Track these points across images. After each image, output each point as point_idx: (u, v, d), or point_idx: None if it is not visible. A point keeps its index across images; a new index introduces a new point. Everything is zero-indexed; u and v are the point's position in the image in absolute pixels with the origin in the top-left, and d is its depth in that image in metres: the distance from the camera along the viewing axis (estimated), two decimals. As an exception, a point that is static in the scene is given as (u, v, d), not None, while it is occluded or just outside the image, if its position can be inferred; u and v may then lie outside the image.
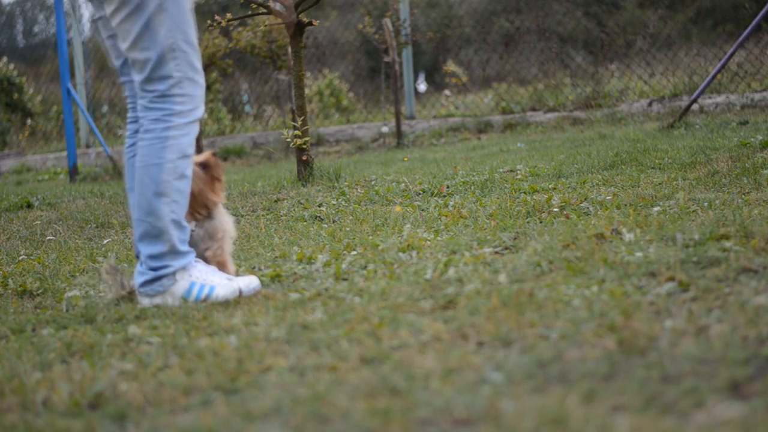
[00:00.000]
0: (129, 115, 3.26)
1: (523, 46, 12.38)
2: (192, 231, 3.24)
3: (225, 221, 3.30)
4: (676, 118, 8.06)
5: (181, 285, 3.07)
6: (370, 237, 3.90)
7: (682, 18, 12.65)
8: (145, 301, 3.08)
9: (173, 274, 3.07)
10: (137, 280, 3.10)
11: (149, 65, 3.03)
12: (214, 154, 3.30)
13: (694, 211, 3.68)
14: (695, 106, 9.14)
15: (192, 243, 3.23)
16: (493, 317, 2.45)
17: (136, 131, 3.21)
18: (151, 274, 3.06)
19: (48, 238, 4.89)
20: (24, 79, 14.05)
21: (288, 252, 3.76)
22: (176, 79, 3.04)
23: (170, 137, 3.03)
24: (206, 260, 3.24)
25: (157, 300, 3.07)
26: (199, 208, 3.26)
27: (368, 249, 3.62)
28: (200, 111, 3.12)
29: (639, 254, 2.97)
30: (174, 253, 3.07)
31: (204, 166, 3.27)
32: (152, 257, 3.06)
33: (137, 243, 3.11)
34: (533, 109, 11.03)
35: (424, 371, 2.09)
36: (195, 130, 3.10)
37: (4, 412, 2.11)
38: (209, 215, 3.28)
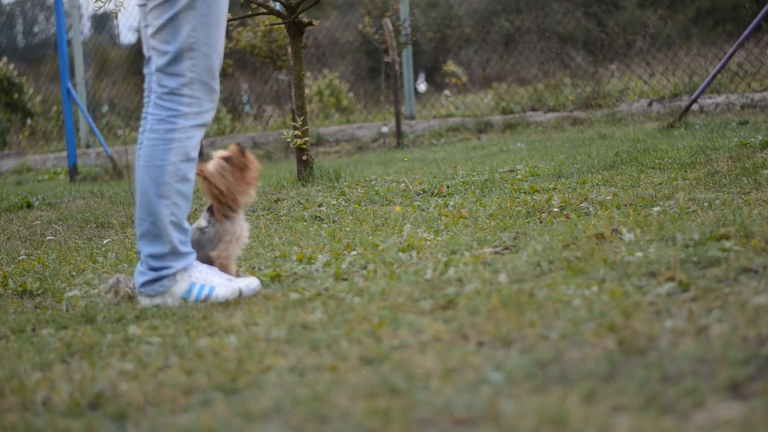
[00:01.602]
0: (144, 110, 3.21)
1: (523, 46, 12.38)
2: (203, 231, 3.24)
3: (238, 227, 3.27)
4: (676, 118, 8.06)
5: (181, 285, 3.07)
6: (370, 237, 3.90)
7: (682, 18, 12.65)
8: (145, 301, 3.08)
9: (174, 274, 3.07)
10: (137, 280, 3.10)
11: (165, 58, 3.02)
12: (238, 144, 3.24)
13: (694, 211, 3.68)
14: (695, 106, 9.14)
15: (200, 243, 3.22)
16: (493, 317, 2.45)
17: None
18: (152, 275, 3.06)
19: (48, 238, 4.89)
20: (24, 79, 14.04)
21: (288, 252, 3.76)
22: (188, 79, 3.01)
23: (174, 140, 3.02)
24: (210, 261, 3.24)
25: (157, 300, 3.07)
26: (230, 203, 3.24)
27: (368, 249, 3.62)
28: (208, 116, 3.08)
29: (639, 254, 2.97)
30: (175, 254, 3.06)
31: (227, 159, 3.23)
32: (153, 257, 3.06)
33: (138, 242, 3.11)
34: (533, 109, 11.03)
35: (424, 371, 2.09)
36: (200, 134, 3.07)
37: (4, 412, 2.11)
38: (229, 216, 3.26)
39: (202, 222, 3.27)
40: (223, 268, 3.24)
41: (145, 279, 3.07)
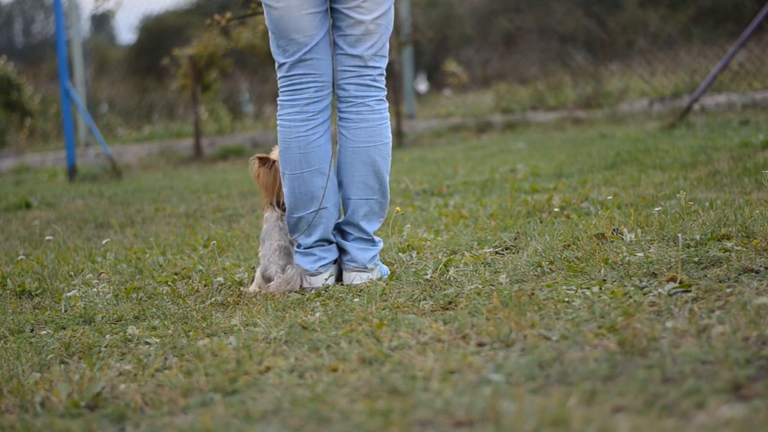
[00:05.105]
0: (311, 95, 3.08)
1: (524, 46, 12.38)
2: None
3: None
4: (677, 117, 8.05)
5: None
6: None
7: (683, 17, 12.64)
8: (363, 277, 3.11)
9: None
10: (362, 257, 3.12)
11: (382, 40, 3.08)
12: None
13: (695, 211, 3.67)
14: (696, 106, 9.13)
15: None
16: (494, 318, 2.44)
17: (320, 111, 3.10)
18: (376, 249, 3.16)
19: (47, 238, 4.87)
20: (23, 78, 14.03)
21: (288, 252, 3.75)
22: (386, 60, 3.13)
23: (387, 117, 3.15)
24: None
25: (374, 274, 3.13)
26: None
27: (368, 249, 3.61)
28: None
29: (640, 254, 2.97)
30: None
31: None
32: (373, 234, 3.16)
33: (359, 222, 3.12)
34: (534, 109, 11.02)
35: (424, 372, 2.09)
36: None
37: (2, 413, 2.10)
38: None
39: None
40: None
41: (373, 254, 3.13)
